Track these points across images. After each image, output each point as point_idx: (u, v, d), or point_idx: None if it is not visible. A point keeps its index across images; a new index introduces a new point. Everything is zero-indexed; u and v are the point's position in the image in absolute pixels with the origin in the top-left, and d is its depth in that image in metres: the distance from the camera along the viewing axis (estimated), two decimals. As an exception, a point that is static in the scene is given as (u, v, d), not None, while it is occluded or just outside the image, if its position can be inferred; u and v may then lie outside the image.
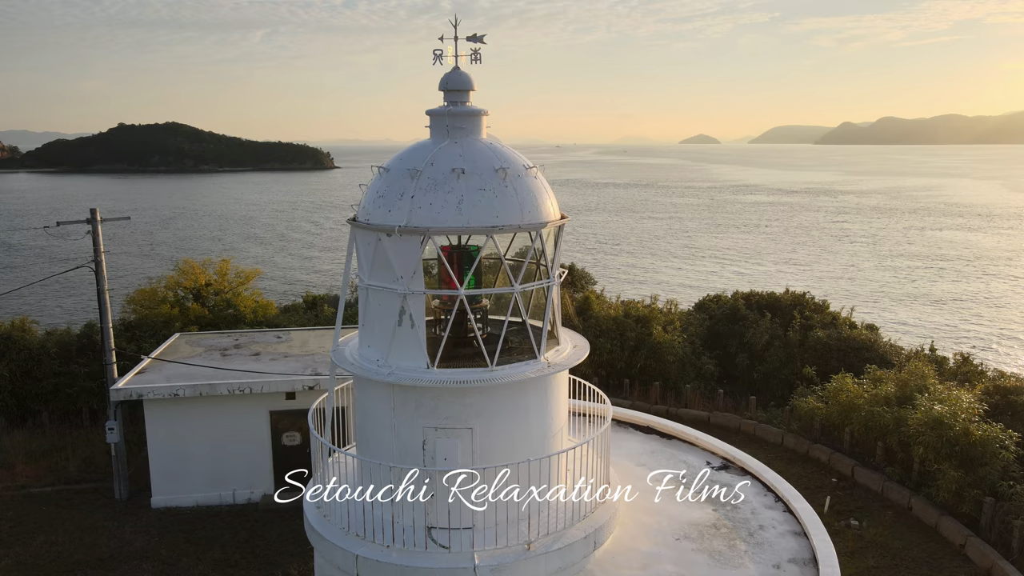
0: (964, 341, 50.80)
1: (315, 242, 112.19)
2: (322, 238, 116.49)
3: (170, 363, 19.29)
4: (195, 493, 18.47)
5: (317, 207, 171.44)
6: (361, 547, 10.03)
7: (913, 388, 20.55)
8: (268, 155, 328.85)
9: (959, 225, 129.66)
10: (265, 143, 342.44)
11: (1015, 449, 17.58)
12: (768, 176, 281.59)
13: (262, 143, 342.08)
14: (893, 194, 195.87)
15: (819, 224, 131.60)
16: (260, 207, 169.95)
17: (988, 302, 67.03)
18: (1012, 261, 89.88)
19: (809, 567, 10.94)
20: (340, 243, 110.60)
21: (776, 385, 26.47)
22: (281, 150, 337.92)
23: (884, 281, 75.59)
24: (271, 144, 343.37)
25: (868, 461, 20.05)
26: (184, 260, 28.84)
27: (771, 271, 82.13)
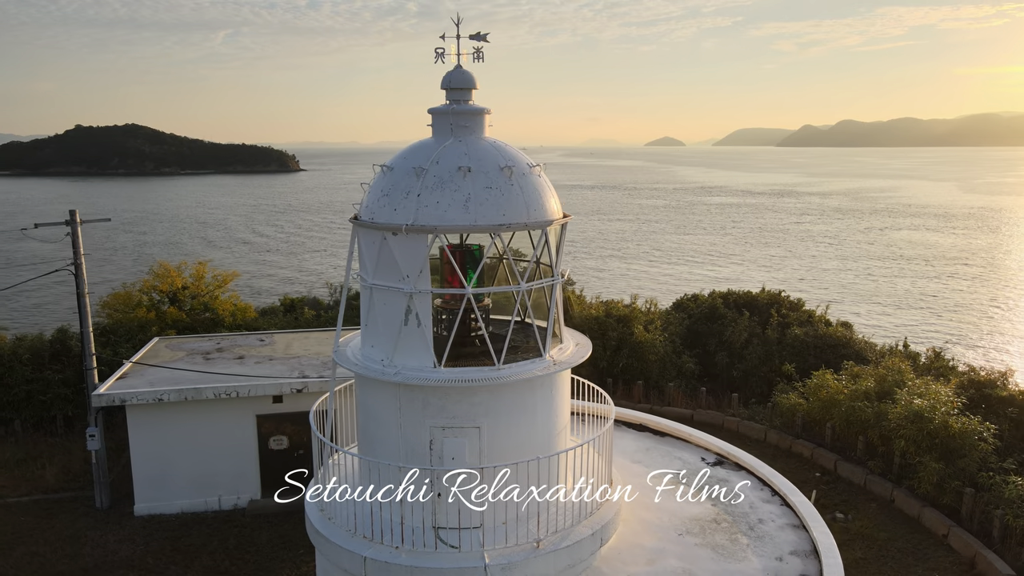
0: (926, 338, 52.05)
1: (282, 246, 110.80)
2: (289, 242, 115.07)
3: (152, 367, 18.89)
4: (179, 500, 18.10)
5: (283, 210, 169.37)
6: (369, 549, 9.93)
7: (891, 383, 21.02)
8: (231, 157, 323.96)
9: (917, 225, 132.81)
10: (228, 145, 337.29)
11: (993, 441, 18.07)
12: (733, 178, 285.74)
13: (225, 145, 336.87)
14: (854, 195, 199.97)
15: (783, 225, 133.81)
16: (225, 210, 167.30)
17: (947, 300, 68.81)
18: (968, 260, 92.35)
19: (810, 559, 11.12)
20: (308, 246, 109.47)
21: (755, 382, 26.85)
22: (245, 152, 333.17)
23: (847, 281, 77.10)
24: (234, 146, 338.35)
25: (850, 455, 20.45)
26: (159, 263, 28.27)
27: (738, 271, 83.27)
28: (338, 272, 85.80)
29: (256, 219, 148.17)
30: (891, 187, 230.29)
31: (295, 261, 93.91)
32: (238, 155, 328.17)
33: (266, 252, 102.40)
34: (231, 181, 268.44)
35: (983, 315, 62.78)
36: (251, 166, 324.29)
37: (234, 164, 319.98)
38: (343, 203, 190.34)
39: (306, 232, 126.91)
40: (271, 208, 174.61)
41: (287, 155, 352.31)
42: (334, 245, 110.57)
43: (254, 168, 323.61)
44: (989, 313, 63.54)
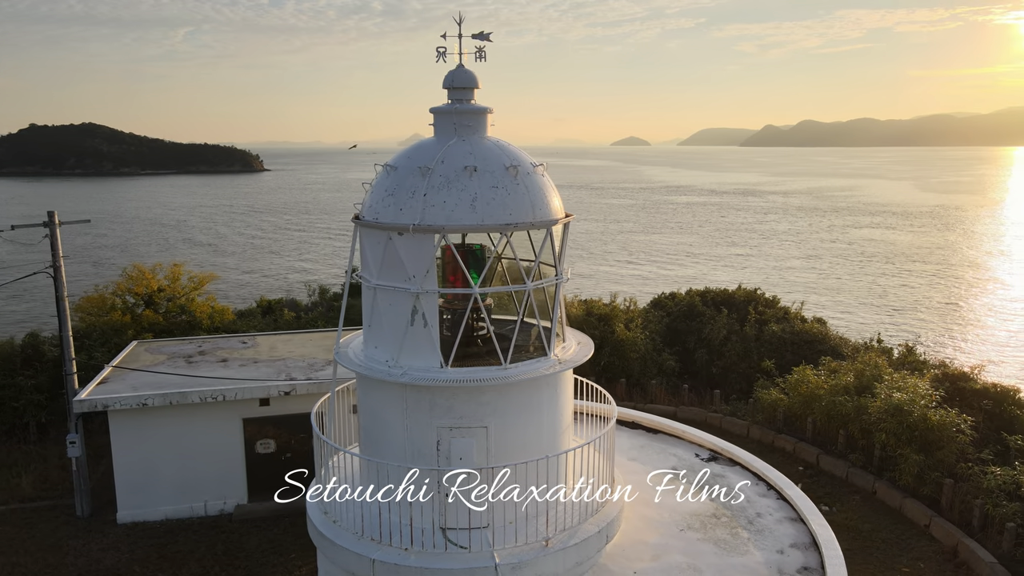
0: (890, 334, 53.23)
1: (249, 247, 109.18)
2: (257, 242, 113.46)
3: (134, 372, 18.48)
4: (164, 506, 17.74)
5: (249, 210, 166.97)
6: (377, 551, 9.87)
7: (869, 378, 21.48)
8: (194, 157, 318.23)
9: (877, 224, 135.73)
10: (190, 145, 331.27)
11: (970, 432, 18.58)
12: (698, 177, 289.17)
13: (187, 145, 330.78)
14: (815, 194, 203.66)
15: (748, 224, 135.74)
16: (188, 211, 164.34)
17: (908, 296, 70.50)
18: (927, 258, 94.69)
19: (811, 551, 11.33)
20: (276, 246, 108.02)
21: (735, 379, 27.22)
22: (207, 152, 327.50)
23: (811, 279, 78.48)
24: (196, 146, 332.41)
25: (831, 449, 20.84)
26: (134, 265, 27.64)
27: (705, 270, 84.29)
28: (310, 272, 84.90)
29: (221, 220, 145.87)
30: (851, 186, 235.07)
31: (263, 262, 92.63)
32: (201, 155, 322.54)
33: (232, 253, 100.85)
34: (194, 181, 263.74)
35: (942, 311, 64.46)
36: (214, 166, 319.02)
37: (196, 164, 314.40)
38: (309, 203, 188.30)
39: (273, 233, 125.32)
40: (236, 208, 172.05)
41: (251, 155, 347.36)
42: (302, 245, 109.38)
43: (217, 168, 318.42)
44: (948, 309, 65.25)
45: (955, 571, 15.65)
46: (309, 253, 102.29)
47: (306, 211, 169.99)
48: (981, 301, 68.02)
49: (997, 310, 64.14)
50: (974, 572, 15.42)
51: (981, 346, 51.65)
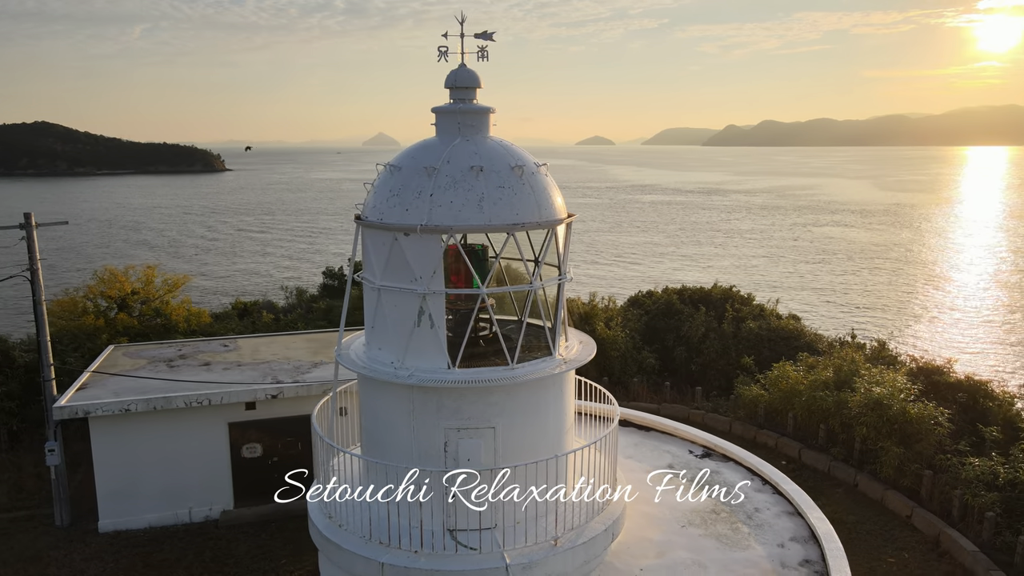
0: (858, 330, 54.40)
1: (212, 247, 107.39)
2: (219, 243, 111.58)
3: (114, 376, 18.04)
4: (147, 514, 17.34)
5: (211, 211, 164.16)
6: (386, 554, 9.79)
7: (847, 373, 21.93)
8: (153, 157, 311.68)
9: (837, 222, 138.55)
10: (149, 144, 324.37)
11: (947, 425, 19.08)
12: (663, 176, 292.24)
13: (145, 144, 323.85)
14: (777, 193, 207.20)
15: (713, 223, 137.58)
16: (147, 212, 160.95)
17: (872, 292, 72.16)
18: (886, 254, 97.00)
19: (810, 544, 11.52)
20: (241, 247, 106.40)
21: (714, 375, 27.55)
22: (167, 152, 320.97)
23: (775, 277, 79.83)
24: (155, 145, 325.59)
25: (812, 443, 21.23)
26: (106, 268, 26.95)
27: (672, 268, 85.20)
28: (278, 274, 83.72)
29: (182, 221, 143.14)
30: (811, 185, 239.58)
31: (228, 264, 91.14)
32: (160, 154, 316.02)
33: (194, 255, 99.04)
34: (153, 182, 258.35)
35: (901, 307, 66.09)
36: (174, 166, 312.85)
37: (156, 164, 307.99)
38: (273, 203, 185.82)
39: (236, 234, 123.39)
40: (198, 209, 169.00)
41: (212, 154, 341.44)
42: (267, 247, 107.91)
43: (177, 168, 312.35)
44: (907, 305, 66.92)
45: (938, 560, 16.06)
46: (274, 254, 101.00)
47: (269, 212, 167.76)
48: (938, 297, 69.90)
49: (953, 306, 65.95)
50: (957, 561, 15.84)
51: (941, 341, 53.06)
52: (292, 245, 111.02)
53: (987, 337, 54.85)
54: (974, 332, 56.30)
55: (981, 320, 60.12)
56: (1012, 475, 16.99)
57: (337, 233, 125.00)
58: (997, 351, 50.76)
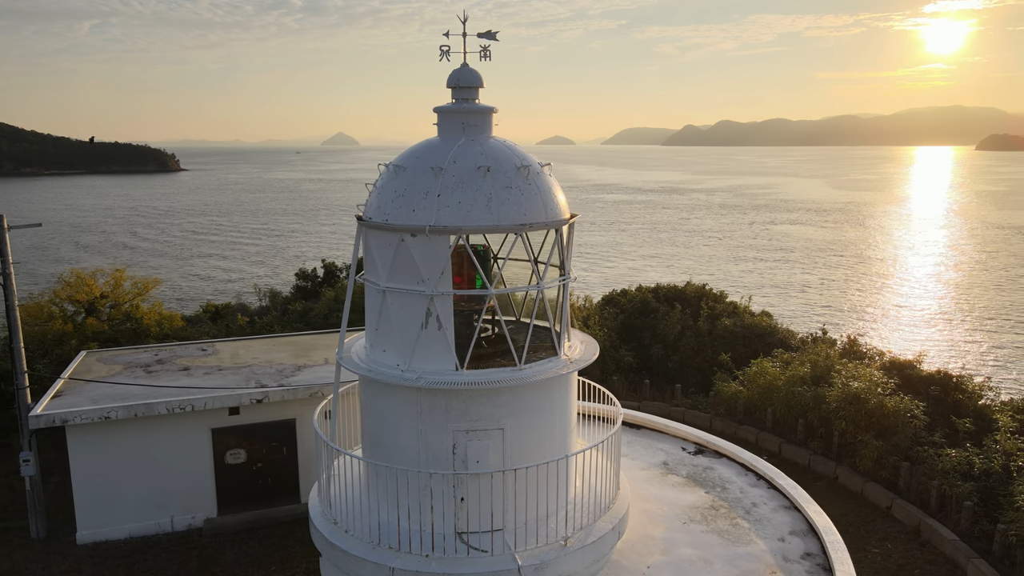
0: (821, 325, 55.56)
1: (167, 250, 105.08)
2: (174, 246, 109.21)
3: (90, 383, 17.50)
4: (127, 524, 16.87)
5: (165, 212, 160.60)
6: (396, 559, 9.67)
7: (823, 368, 22.40)
8: (104, 157, 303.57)
9: (795, 220, 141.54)
10: (100, 143, 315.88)
11: (923, 417, 19.61)
12: (623, 176, 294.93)
13: (97, 143, 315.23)
14: (736, 192, 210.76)
15: (674, 222, 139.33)
16: (99, 213, 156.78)
17: (833, 288, 73.86)
18: (843, 251, 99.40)
19: (809, 537, 11.73)
20: (199, 250, 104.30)
21: (690, 373, 27.88)
22: (119, 151, 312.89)
23: (736, 275, 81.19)
24: (107, 144, 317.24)
25: (791, 438, 21.63)
26: (72, 271, 26.12)
27: (637, 267, 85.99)
28: (240, 275, 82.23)
29: (137, 222, 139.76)
30: (768, 184, 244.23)
31: (187, 266, 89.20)
32: (111, 154, 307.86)
33: (151, 257, 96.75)
34: (105, 182, 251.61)
35: (862, 302, 67.76)
36: (126, 166, 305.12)
37: (107, 164, 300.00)
38: (230, 204, 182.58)
39: (195, 235, 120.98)
40: (152, 210, 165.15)
41: (166, 154, 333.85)
42: (227, 248, 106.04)
43: (130, 168, 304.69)
44: (867, 300, 68.64)
45: (920, 550, 16.49)
46: (235, 256, 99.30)
47: (228, 211, 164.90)
48: (893, 293, 71.87)
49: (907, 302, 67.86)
50: (938, 550, 16.29)
51: (901, 335, 54.55)
52: (252, 246, 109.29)
53: (943, 331, 56.56)
54: (929, 327, 58.02)
55: (935, 314, 61.97)
56: (987, 465, 17.53)
57: (299, 235, 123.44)
58: (955, 344, 52.36)
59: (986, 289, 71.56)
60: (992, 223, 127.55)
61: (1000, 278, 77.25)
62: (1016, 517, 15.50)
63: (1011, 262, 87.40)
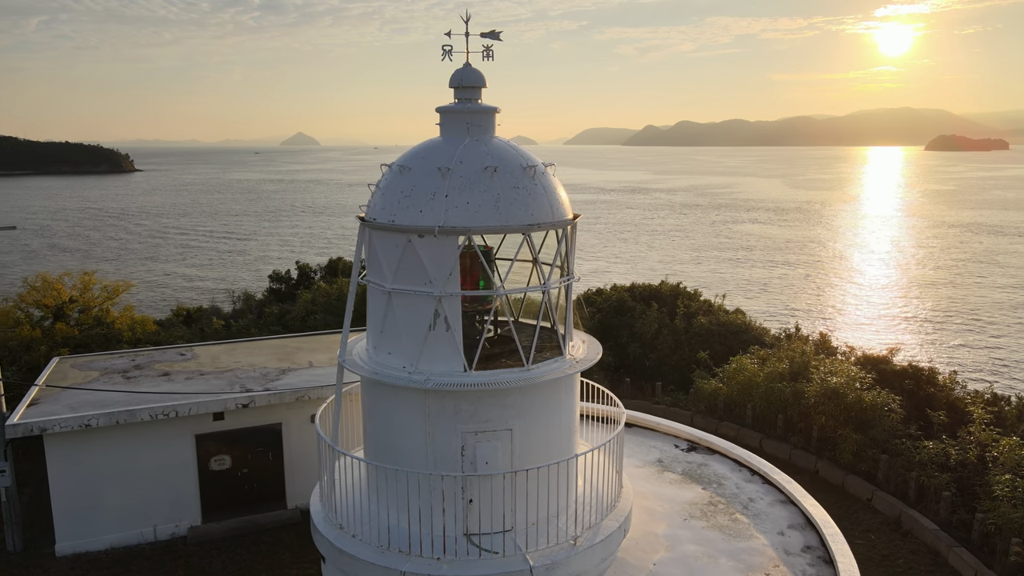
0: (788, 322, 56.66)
1: (124, 253, 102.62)
2: (130, 249, 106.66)
3: (67, 390, 16.98)
4: (108, 534, 16.41)
5: (121, 214, 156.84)
6: (407, 563, 9.58)
7: (801, 364, 22.83)
8: (54, 157, 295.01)
9: (755, 219, 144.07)
10: (49, 143, 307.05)
11: (899, 411, 20.11)
12: (586, 175, 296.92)
13: (45, 143, 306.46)
14: (697, 191, 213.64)
15: (637, 221, 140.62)
16: (49, 215, 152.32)
17: (793, 285, 75.34)
18: (802, 249, 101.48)
19: (807, 531, 11.95)
20: (158, 252, 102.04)
21: (668, 370, 28.17)
22: (69, 151, 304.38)
23: (699, 274, 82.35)
24: (57, 144, 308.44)
25: (771, 433, 22.00)
26: (39, 275, 25.30)
27: (604, 266, 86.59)
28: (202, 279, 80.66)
29: (90, 224, 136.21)
30: (728, 183, 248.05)
31: (145, 269, 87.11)
32: (61, 154, 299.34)
33: (107, 260, 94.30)
34: (55, 183, 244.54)
35: (823, 299, 69.25)
36: (77, 166, 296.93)
37: (57, 164, 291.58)
38: (188, 205, 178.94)
39: (151, 237, 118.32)
40: (106, 212, 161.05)
41: (119, 154, 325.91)
42: (186, 251, 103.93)
43: (81, 169, 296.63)
44: (827, 297, 70.19)
45: (903, 540, 16.92)
46: (195, 258, 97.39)
47: (186, 212, 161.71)
48: (851, 290, 73.63)
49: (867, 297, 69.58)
50: (919, 540, 16.73)
51: (861, 332, 55.87)
52: (212, 248, 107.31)
53: (903, 327, 58.10)
54: (889, 323, 59.54)
55: (894, 311, 63.62)
56: (962, 456, 18.06)
57: (260, 236, 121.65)
58: (918, 339, 53.80)
59: (941, 286, 73.71)
60: (943, 222, 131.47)
61: (954, 275, 79.70)
62: (993, 506, 15.99)
63: (963, 258, 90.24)
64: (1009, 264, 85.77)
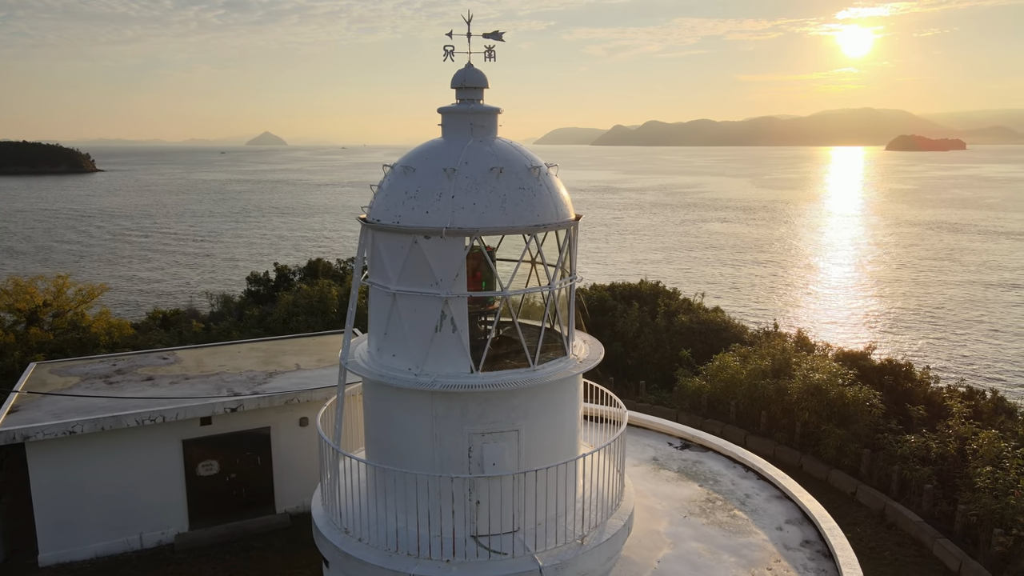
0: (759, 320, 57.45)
1: (87, 253, 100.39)
2: (95, 249, 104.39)
3: (49, 396, 16.56)
4: (93, 543, 16.02)
5: (83, 215, 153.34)
6: (416, 566, 9.54)
7: (782, 361, 23.19)
8: (10, 157, 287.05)
9: (723, 218, 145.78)
10: (6, 143, 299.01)
11: (880, 406, 20.53)
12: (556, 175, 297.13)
13: (2, 143, 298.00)
14: (666, 191, 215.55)
15: (607, 220, 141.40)
16: (5, 216, 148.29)
17: (762, 284, 76.43)
18: (770, 247, 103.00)
19: (804, 525, 12.14)
20: (123, 252, 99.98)
21: (650, 369, 28.38)
22: (27, 151, 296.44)
23: (670, 273, 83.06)
24: (14, 144, 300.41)
25: (755, 429, 22.30)
26: (10, 279, 24.59)
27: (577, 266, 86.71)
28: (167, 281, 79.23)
29: (48, 226, 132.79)
30: (696, 183, 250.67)
31: (109, 271, 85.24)
32: (18, 154, 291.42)
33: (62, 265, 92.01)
34: (12, 184, 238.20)
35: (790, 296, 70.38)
36: (35, 167, 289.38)
37: (14, 164, 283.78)
38: (152, 206, 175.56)
39: (113, 240, 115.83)
40: (66, 213, 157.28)
41: (80, 154, 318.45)
42: (150, 253, 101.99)
43: (39, 169, 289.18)
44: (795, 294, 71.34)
45: (887, 532, 17.27)
46: (161, 260, 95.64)
47: (150, 213, 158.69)
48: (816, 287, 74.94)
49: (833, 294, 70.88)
50: (904, 532, 17.09)
51: (833, 329, 56.89)
52: (179, 249, 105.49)
53: (873, 324, 59.30)
54: (859, 319, 60.73)
55: (863, 308, 64.91)
56: (943, 449, 18.49)
57: (228, 237, 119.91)
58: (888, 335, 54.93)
59: (905, 283, 75.35)
60: (906, 220, 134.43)
61: (917, 272, 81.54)
62: (975, 498, 16.41)
63: (926, 255, 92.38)
64: (968, 262, 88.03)
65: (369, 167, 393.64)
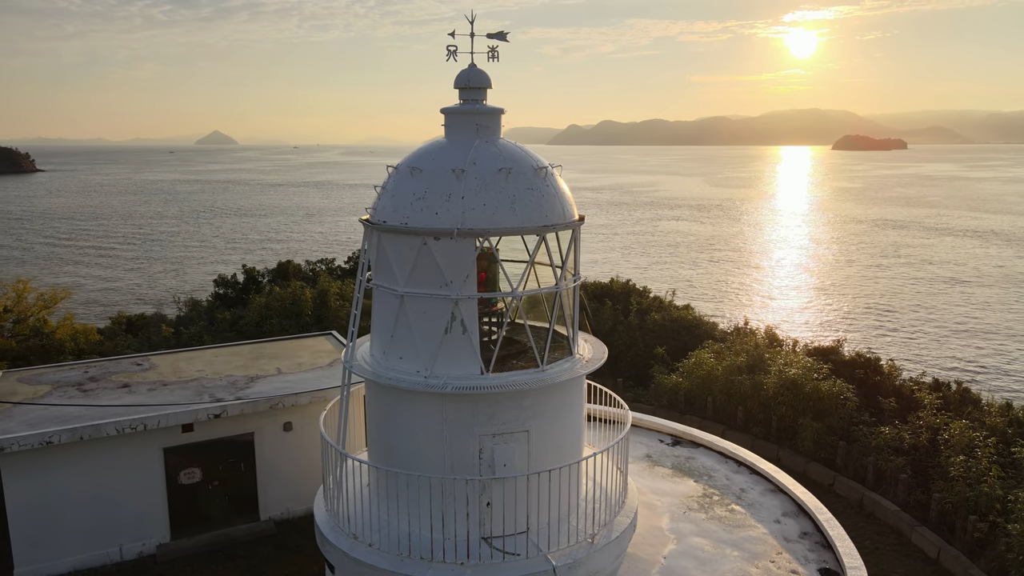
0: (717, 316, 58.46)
1: (27, 258, 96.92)
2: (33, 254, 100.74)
3: (20, 406, 15.94)
4: (71, 556, 15.46)
5: (22, 217, 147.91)
6: (429, 570, 9.46)
7: (756, 357, 23.65)
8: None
9: (678, 216, 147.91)
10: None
11: (854, 399, 21.09)
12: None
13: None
14: (621, 190, 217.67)
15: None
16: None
17: (720, 281, 77.82)
18: (725, 245, 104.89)
19: (801, 517, 12.40)
20: (69, 256, 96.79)
21: (624, 367, 28.62)
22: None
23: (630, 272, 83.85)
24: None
25: (732, 424, 22.69)
26: (-32, 284, 23.59)
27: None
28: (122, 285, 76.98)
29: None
30: (651, 182, 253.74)
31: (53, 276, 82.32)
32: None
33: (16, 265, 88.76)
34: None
35: (748, 293, 71.80)
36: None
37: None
38: (97, 207, 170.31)
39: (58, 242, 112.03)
40: (5, 215, 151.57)
41: (18, 153, 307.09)
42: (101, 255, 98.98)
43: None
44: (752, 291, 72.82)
45: (866, 521, 17.75)
46: (109, 263, 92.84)
47: (96, 215, 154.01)
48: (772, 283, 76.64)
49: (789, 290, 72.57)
50: (882, 521, 17.60)
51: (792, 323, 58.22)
52: (130, 251, 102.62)
53: (830, 318, 60.86)
54: (818, 314, 62.26)
55: (818, 303, 66.59)
56: (915, 440, 19.09)
57: (177, 236, 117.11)
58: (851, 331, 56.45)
59: (855, 280, 77.52)
60: (853, 217, 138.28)
61: (867, 268, 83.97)
62: (949, 486, 16.98)
63: (875, 252, 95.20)
64: (912, 256, 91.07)
65: (322, 167, 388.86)
